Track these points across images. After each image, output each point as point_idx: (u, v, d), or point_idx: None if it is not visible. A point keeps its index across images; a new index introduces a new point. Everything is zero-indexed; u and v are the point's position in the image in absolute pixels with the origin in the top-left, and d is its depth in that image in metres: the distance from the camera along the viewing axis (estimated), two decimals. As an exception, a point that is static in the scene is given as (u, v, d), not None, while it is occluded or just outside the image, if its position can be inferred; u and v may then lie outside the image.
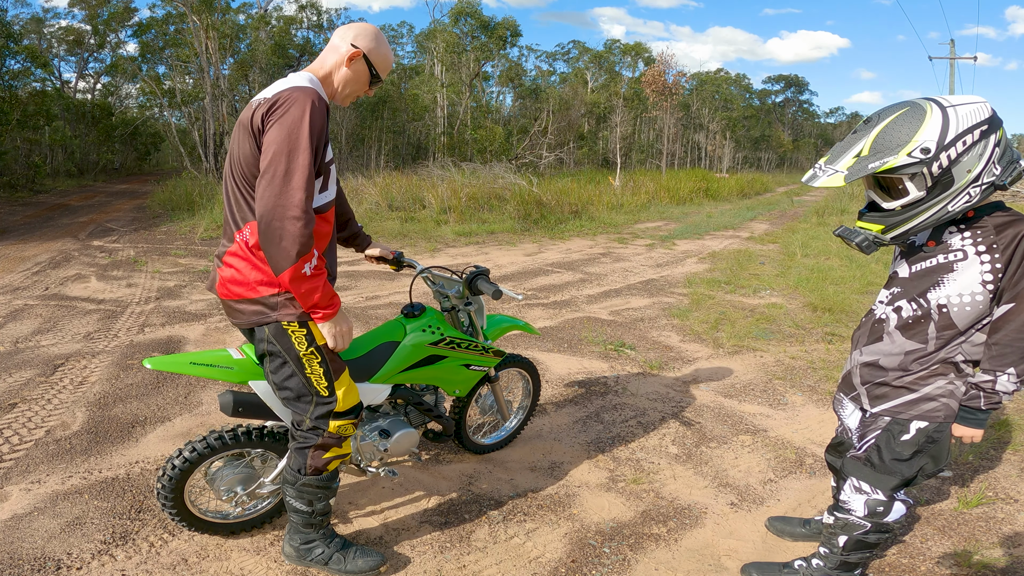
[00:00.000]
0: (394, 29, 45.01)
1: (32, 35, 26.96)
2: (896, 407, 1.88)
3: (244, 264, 1.90)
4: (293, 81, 1.84)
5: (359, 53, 1.94)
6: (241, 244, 1.90)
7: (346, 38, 1.95)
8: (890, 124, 1.67)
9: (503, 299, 6.09)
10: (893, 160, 1.64)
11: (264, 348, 1.96)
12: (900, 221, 1.73)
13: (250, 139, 1.82)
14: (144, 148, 29.28)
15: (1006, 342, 1.68)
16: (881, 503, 1.94)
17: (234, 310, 1.96)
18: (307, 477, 2.08)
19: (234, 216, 1.92)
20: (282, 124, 1.74)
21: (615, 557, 2.37)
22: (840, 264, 8.20)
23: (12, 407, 3.44)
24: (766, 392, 4.04)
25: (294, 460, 2.09)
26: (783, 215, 15.88)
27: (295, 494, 2.10)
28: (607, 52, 40.09)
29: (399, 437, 2.44)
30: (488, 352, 2.66)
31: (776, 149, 54.84)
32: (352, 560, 2.19)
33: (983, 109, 1.62)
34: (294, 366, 1.96)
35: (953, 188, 1.65)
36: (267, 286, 1.89)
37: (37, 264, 7.40)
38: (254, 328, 1.96)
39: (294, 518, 2.16)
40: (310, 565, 2.20)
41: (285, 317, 1.90)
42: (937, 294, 1.76)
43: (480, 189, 12.76)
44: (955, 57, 20.66)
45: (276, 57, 23.10)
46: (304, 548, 2.19)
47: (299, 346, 1.94)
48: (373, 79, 2.02)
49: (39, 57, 21.14)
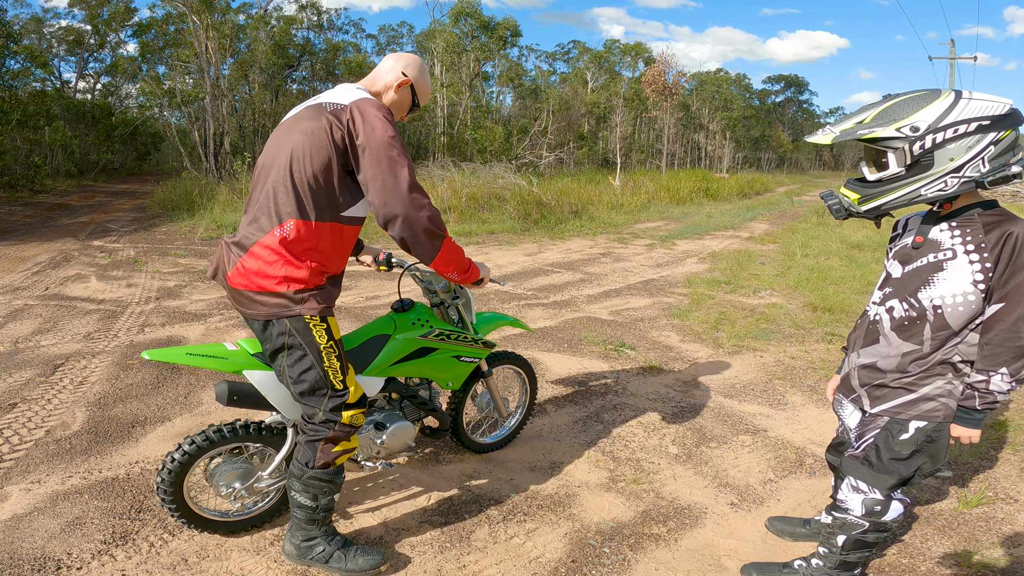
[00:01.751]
0: (394, 29, 45.00)
1: (32, 35, 26.96)
2: (895, 407, 1.88)
3: (276, 258, 1.93)
4: (361, 93, 2.01)
5: (408, 81, 2.12)
6: (278, 238, 1.93)
7: (398, 65, 2.13)
8: (902, 101, 1.70)
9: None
10: (881, 131, 1.67)
11: (283, 341, 1.99)
12: (874, 195, 1.76)
13: (327, 142, 1.91)
14: (144, 148, 29.28)
15: (997, 342, 1.68)
16: (878, 502, 1.94)
17: (252, 301, 1.97)
18: (315, 471, 2.09)
19: (278, 210, 1.94)
20: (375, 131, 1.90)
21: (615, 557, 2.37)
22: (840, 264, 8.20)
23: (12, 407, 3.44)
24: (766, 392, 4.04)
25: (303, 453, 2.10)
26: (783, 215, 15.89)
27: (301, 488, 2.11)
28: (607, 52, 40.09)
29: (395, 430, 2.46)
30: (478, 343, 2.69)
31: (776, 149, 54.84)
32: (353, 559, 2.20)
33: (997, 107, 1.62)
34: (313, 359, 2.00)
35: (930, 172, 1.66)
36: (296, 283, 1.94)
37: (37, 264, 7.40)
38: (269, 321, 1.98)
39: (297, 514, 2.16)
40: (311, 564, 2.20)
41: (309, 311, 1.96)
42: (929, 293, 1.77)
43: (480, 189, 12.75)
44: (955, 57, 20.66)
45: (276, 57, 23.10)
46: (305, 545, 2.19)
47: (320, 340, 1.99)
48: (413, 107, 2.20)
49: (39, 57, 21.15)
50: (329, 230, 1.98)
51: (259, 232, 1.96)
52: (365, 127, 1.90)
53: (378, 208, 1.92)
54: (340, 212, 1.99)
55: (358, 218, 2.05)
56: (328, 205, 1.95)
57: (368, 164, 1.90)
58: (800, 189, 29.50)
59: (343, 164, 1.94)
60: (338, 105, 1.94)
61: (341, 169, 1.94)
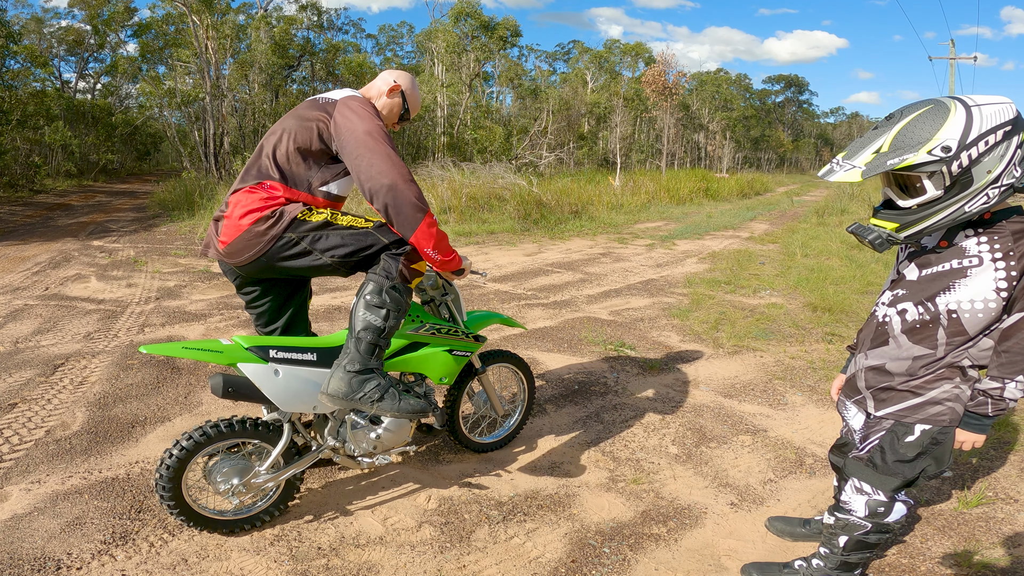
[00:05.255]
0: (393, 29, 45.02)
1: (32, 35, 26.96)
2: (901, 411, 1.87)
3: (254, 196, 2.16)
4: (354, 93, 2.29)
5: (399, 87, 2.42)
6: (258, 187, 2.19)
7: (391, 76, 2.45)
8: (912, 121, 1.64)
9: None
10: (913, 157, 1.61)
11: (300, 248, 2.14)
12: (915, 220, 1.70)
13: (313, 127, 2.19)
14: (144, 148, 29.30)
15: (1016, 350, 1.66)
16: (882, 504, 1.94)
17: (247, 244, 2.13)
18: (395, 283, 2.18)
19: (260, 173, 2.21)
20: (361, 118, 2.16)
21: (615, 557, 2.37)
22: (840, 264, 8.20)
23: (12, 407, 3.44)
24: (766, 392, 4.04)
25: (383, 267, 2.19)
26: (783, 215, 15.88)
27: (376, 303, 2.16)
28: (607, 52, 40.08)
29: (390, 425, 2.46)
30: (469, 337, 2.71)
31: (776, 149, 54.84)
32: (406, 399, 2.23)
33: (1008, 110, 1.60)
34: (329, 230, 2.16)
35: (971, 188, 1.62)
36: (275, 203, 2.15)
37: (37, 264, 7.40)
38: (274, 258, 2.14)
39: (363, 338, 2.16)
40: (358, 403, 2.16)
41: (294, 212, 2.15)
42: (947, 299, 1.74)
43: (480, 189, 12.75)
44: (955, 57, 20.64)
45: (276, 57, 23.07)
46: (359, 379, 2.16)
47: (319, 218, 2.17)
48: (403, 114, 2.47)
49: (39, 57, 21.16)
50: (306, 198, 2.23)
51: (242, 186, 2.21)
52: (352, 115, 2.16)
53: (364, 181, 2.11)
54: (316, 187, 2.24)
55: (334, 195, 2.29)
56: (304, 179, 2.22)
57: (353, 145, 2.12)
58: (800, 189, 29.49)
59: (323, 148, 2.20)
60: (330, 99, 2.25)
61: (320, 151, 2.20)
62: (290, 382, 2.23)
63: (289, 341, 2.28)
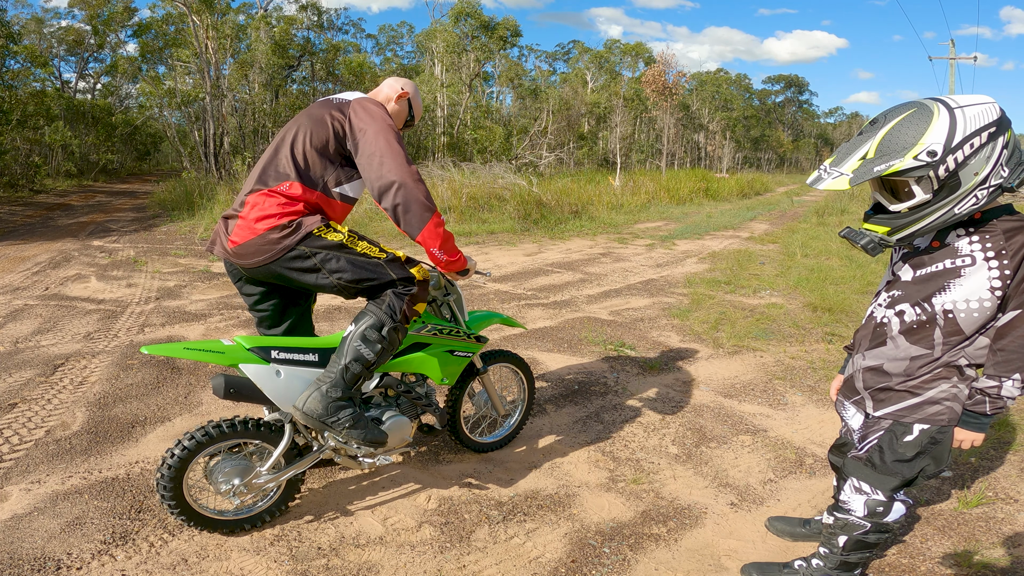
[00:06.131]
0: (393, 29, 45.02)
1: (32, 35, 26.96)
2: (900, 411, 1.87)
3: (274, 201, 2.15)
4: (365, 95, 2.35)
5: (406, 95, 2.52)
6: (277, 190, 2.18)
7: (397, 83, 2.53)
8: (896, 126, 1.64)
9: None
10: (899, 163, 1.61)
11: (310, 264, 2.14)
12: (906, 223, 1.71)
13: (328, 126, 2.23)
14: (144, 148, 29.30)
15: (1012, 348, 1.67)
16: (881, 503, 1.94)
17: (259, 249, 2.13)
18: (397, 323, 2.23)
19: (278, 172, 2.21)
20: (374, 118, 2.22)
21: (615, 557, 2.37)
22: (840, 264, 8.21)
23: (12, 407, 3.44)
24: (766, 392, 4.04)
25: (388, 304, 2.22)
26: (783, 215, 15.89)
27: (375, 338, 2.20)
28: (607, 52, 40.08)
29: (391, 425, 2.46)
30: (471, 338, 2.72)
31: (776, 149, 54.85)
32: (371, 430, 2.28)
33: (991, 110, 1.60)
34: (342, 252, 2.17)
35: (960, 191, 1.63)
36: (293, 215, 2.15)
37: (37, 264, 7.40)
38: (282, 266, 2.14)
39: (352, 367, 2.19)
40: (329, 426, 2.20)
41: (312, 226, 2.15)
42: (942, 299, 1.75)
43: (480, 189, 12.75)
44: (955, 57, 20.64)
45: (276, 57, 23.07)
46: (336, 405, 2.19)
47: (336, 237, 2.19)
48: (408, 120, 2.58)
49: (39, 57, 21.17)
50: (320, 198, 2.25)
51: (260, 187, 2.20)
52: (365, 115, 2.22)
53: (374, 180, 2.14)
54: (331, 187, 2.26)
55: (348, 197, 2.32)
56: (321, 179, 2.24)
57: (367, 144, 2.17)
58: (800, 189, 29.48)
59: (338, 148, 2.24)
60: (344, 100, 2.30)
61: (336, 152, 2.24)
62: (292, 383, 2.24)
63: (291, 342, 2.29)
